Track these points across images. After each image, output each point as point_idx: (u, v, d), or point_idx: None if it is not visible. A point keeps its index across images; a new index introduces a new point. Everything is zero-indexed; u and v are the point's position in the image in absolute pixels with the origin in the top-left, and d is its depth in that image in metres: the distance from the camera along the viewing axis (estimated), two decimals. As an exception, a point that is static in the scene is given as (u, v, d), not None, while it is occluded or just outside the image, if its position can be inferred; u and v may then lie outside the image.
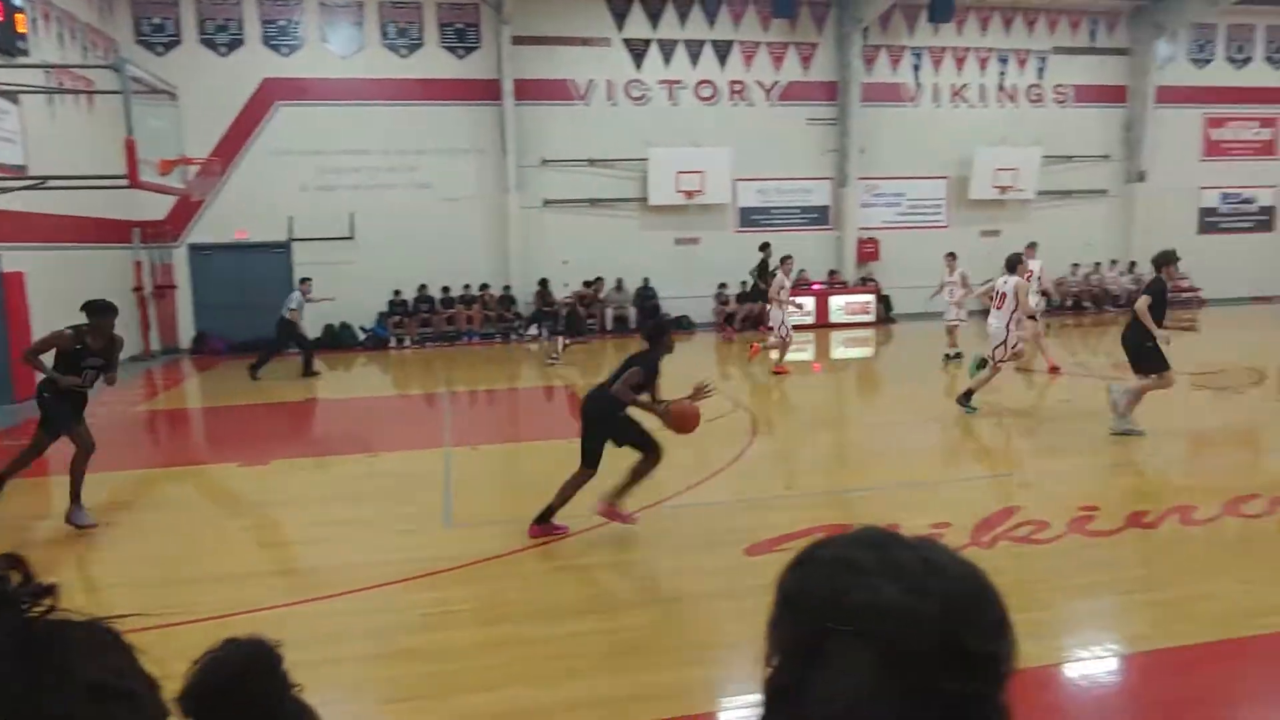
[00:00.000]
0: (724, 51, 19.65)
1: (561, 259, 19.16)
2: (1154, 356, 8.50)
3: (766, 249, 16.37)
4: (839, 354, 16.84)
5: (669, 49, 19.40)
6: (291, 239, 18.25)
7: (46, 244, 13.33)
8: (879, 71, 20.37)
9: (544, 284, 18.98)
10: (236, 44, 17.88)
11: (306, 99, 18.05)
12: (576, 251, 19.23)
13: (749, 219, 20.20)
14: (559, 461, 8.60)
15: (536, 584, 5.40)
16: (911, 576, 0.82)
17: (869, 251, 20.55)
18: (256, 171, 17.91)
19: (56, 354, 6.63)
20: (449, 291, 18.93)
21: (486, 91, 18.56)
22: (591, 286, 19.38)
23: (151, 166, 10.82)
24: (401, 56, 18.51)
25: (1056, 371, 12.70)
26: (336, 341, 18.24)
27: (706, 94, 19.67)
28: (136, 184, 10.49)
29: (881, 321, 19.93)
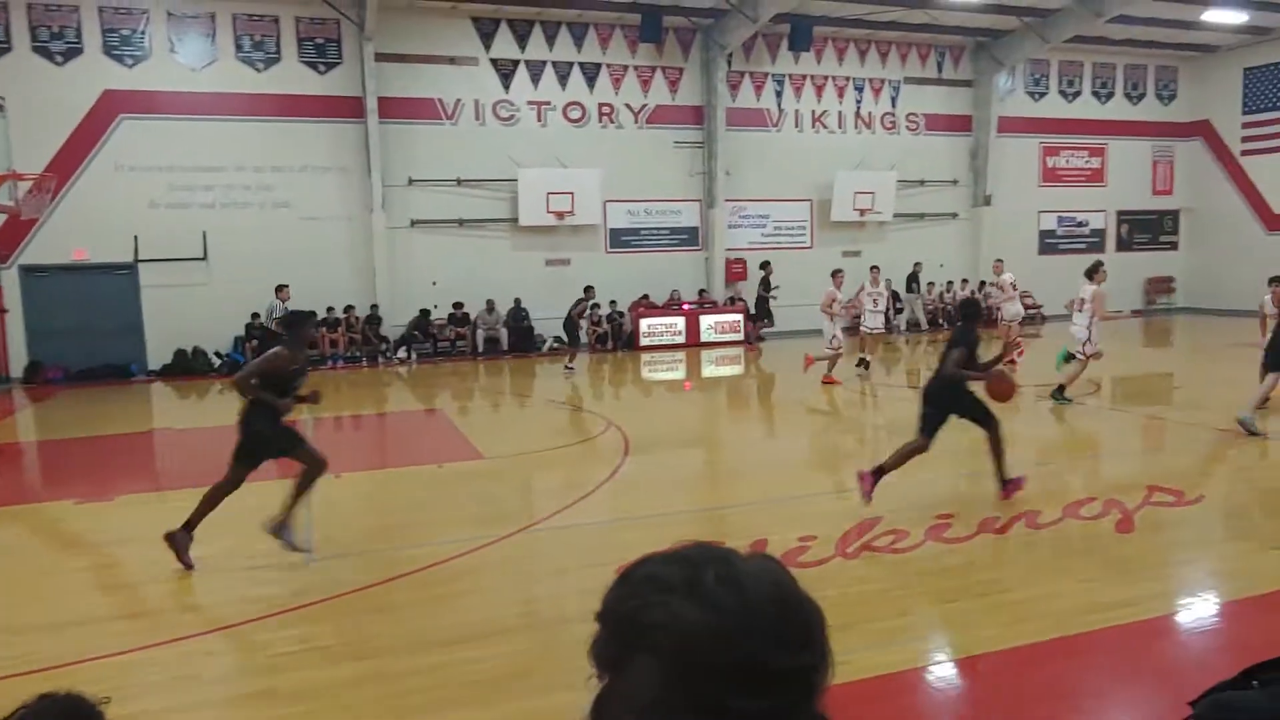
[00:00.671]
0: (592, 74, 19.81)
1: (430, 280, 18.82)
2: None
3: (767, 267, 18.83)
4: (710, 372, 17.12)
5: (537, 70, 19.42)
6: (138, 259, 17.22)
7: None
8: (744, 97, 20.97)
9: (425, 313, 18.73)
10: (74, 53, 16.78)
11: (155, 112, 17.11)
12: (446, 273, 18.93)
13: (620, 240, 20.37)
14: (428, 487, 8.43)
15: (405, 615, 5.22)
16: (710, 593, 0.84)
17: (737, 272, 21.05)
18: (98, 188, 16.82)
19: (263, 378, 6.03)
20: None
21: (349, 109, 18.08)
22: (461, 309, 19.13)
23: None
24: (258, 70, 17.82)
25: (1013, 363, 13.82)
26: (188, 368, 17.28)
27: (575, 115, 19.77)
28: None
29: (750, 340, 20.40)
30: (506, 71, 19.25)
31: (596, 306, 18.77)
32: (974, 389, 7.24)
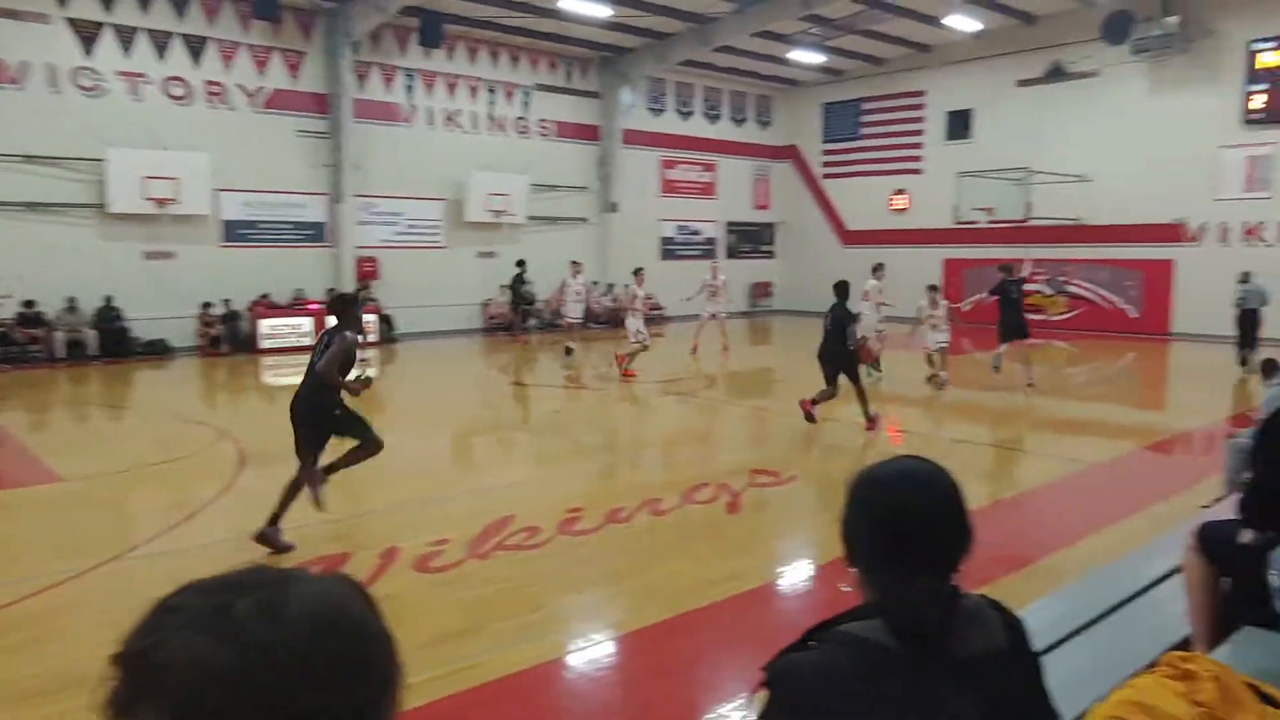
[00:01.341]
0: (197, 47, 17.82)
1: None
2: None
3: (523, 265, 19.05)
4: (340, 375, 16.17)
5: (128, 36, 17.04)
6: None
7: None
8: (372, 89, 20.13)
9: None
10: None
11: None
12: (13, 264, 15.98)
13: (235, 233, 18.56)
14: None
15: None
16: (239, 626, 0.73)
17: (368, 270, 20.16)
18: None
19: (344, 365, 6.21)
20: None
21: None
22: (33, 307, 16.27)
23: None
24: None
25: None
26: None
27: (178, 93, 17.67)
28: None
29: (384, 341, 19.65)
30: (89, 34, 16.66)
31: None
32: None
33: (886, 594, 1.43)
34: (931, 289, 13.88)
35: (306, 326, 18.52)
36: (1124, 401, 13.41)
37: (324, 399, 6.31)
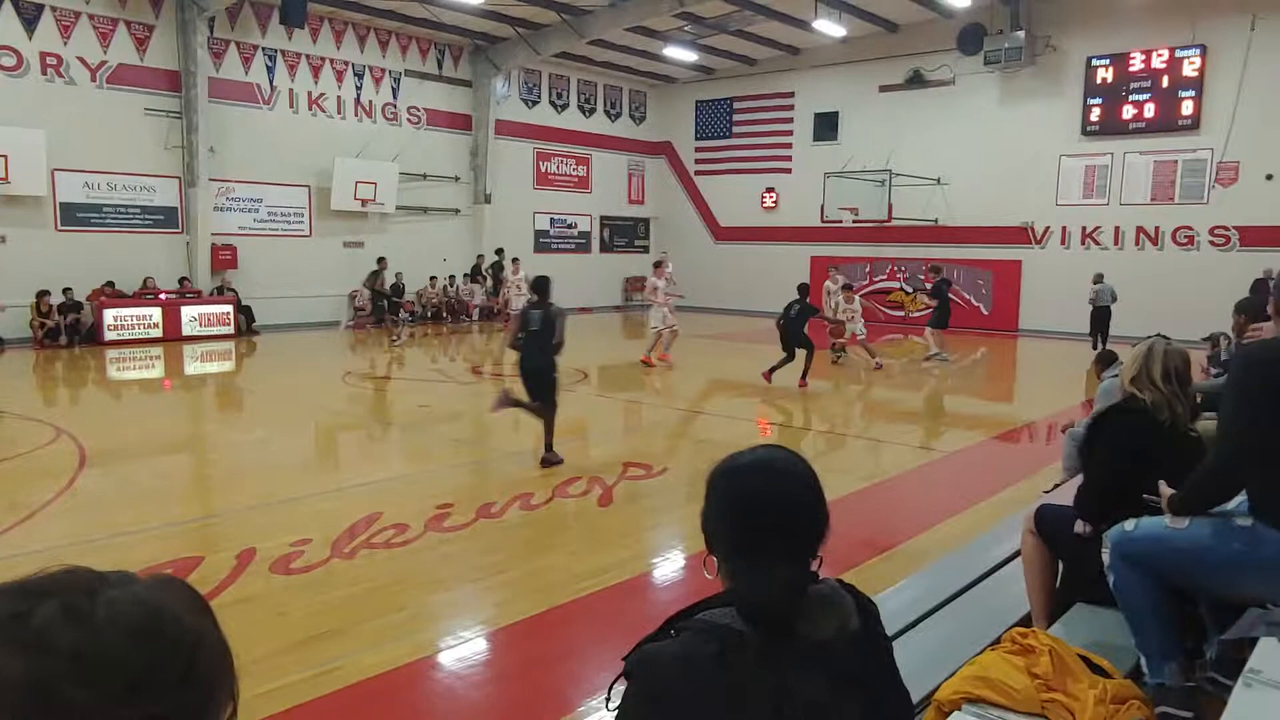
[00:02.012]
0: (31, 17, 16.49)
1: None
2: None
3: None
4: (194, 369, 15.37)
5: (-51, 1, 15.69)
6: None
7: None
8: (230, 68, 19.14)
9: None
10: None
11: None
12: None
13: (75, 216, 17.31)
14: None
15: None
16: (41, 633, 0.68)
17: (226, 259, 19.18)
18: None
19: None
20: None
21: None
22: None
23: None
24: None
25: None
26: None
27: (9, 63, 16.31)
28: None
29: (242, 333, 18.76)
30: (-98, -3, 15.23)
31: (378, 275, 18.88)
32: None
33: (739, 580, 1.44)
34: (846, 287, 15.85)
35: (156, 317, 17.50)
36: (976, 394, 14.17)
37: (553, 361, 8.10)
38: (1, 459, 8.36)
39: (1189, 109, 19.21)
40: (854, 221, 22.95)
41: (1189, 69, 19.14)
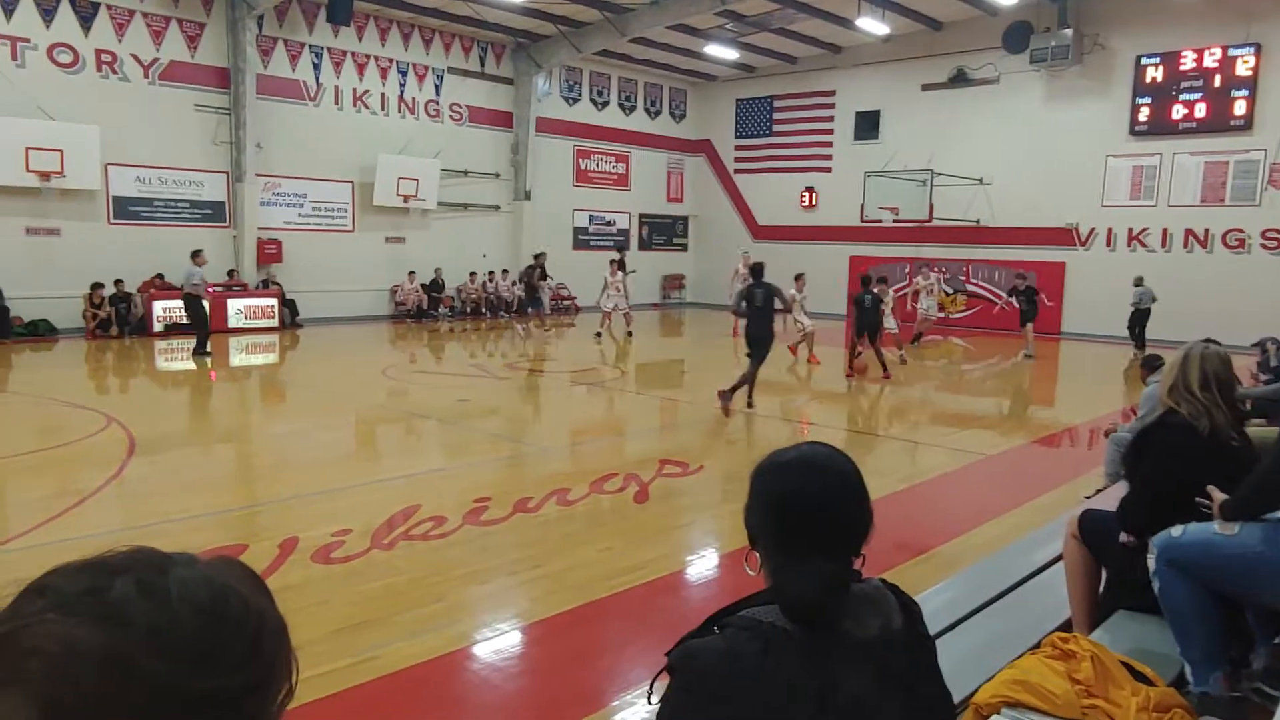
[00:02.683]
0: (87, 15, 16.91)
1: None
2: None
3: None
4: (239, 361, 15.65)
5: (9, 0, 16.09)
6: None
7: None
8: (277, 65, 19.45)
9: None
10: None
11: None
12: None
13: (126, 210, 17.71)
14: None
15: None
16: (116, 607, 0.71)
17: (271, 253, 19.51)
18: None
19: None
20: None
21: None
22: None
23: None
24: None
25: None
26: None
27: (65, 59, 16.73)
28: None
29: (286, 326, 19.07)
30: (-36, -6, 15.67)
31: (535, 270, 19.44)
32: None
33: (781, 577, 1.45)
34: (798, 277, 16.03)
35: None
36: (1017, 397, 13.98)
37: (771, 330, 10.32)
38: (54, 445, 8.59)
39: (1241, 109, 18.77)
40: (894, 221, 22.74)
41: (1242, 68, 18.71)
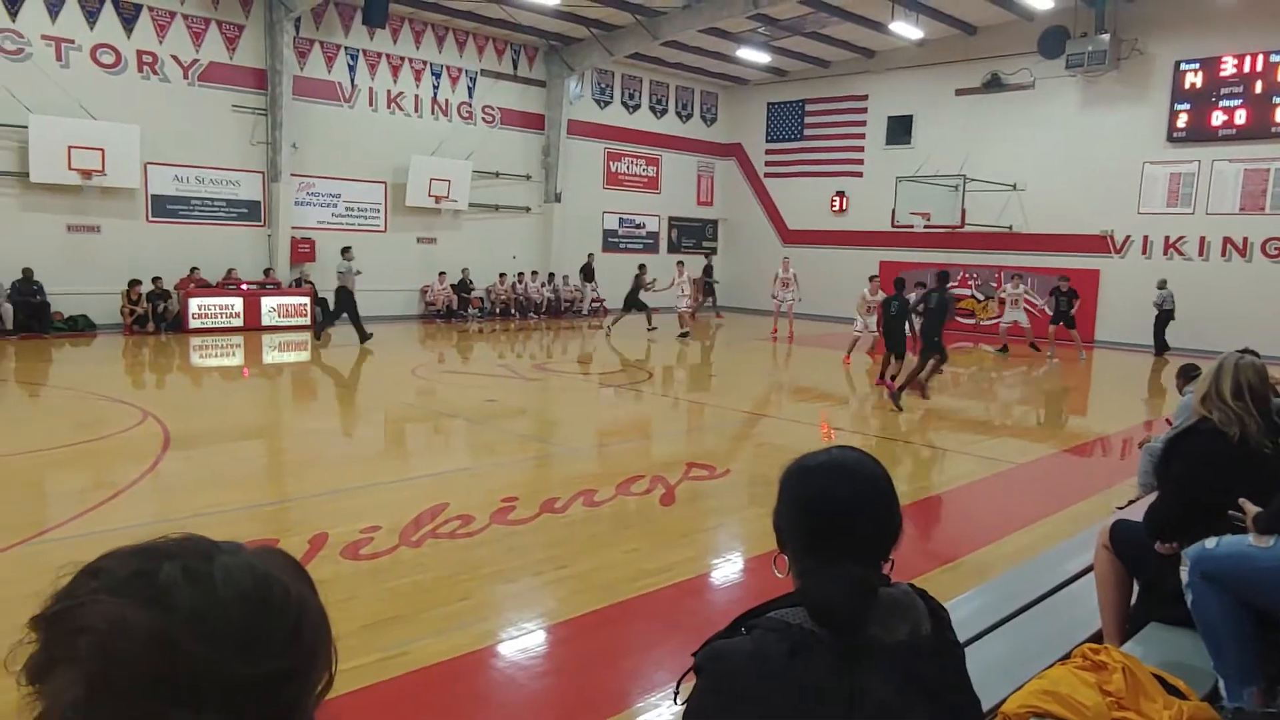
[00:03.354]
0: (130, 16, 17.21)
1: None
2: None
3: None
4: (272, 358, 15.84)
5: (54, 1, 16.40)
6: None
7: None
8: (313, 67, 19.69)
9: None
10: None
11: None
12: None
13: (165, 208, 18.01)
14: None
15: None
16: (164, 590, 0.73)
17: (304, 252, 19.74)
18: None
19: None
20: None
21: None
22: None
23: None
24: None
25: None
26: None
27: (108, 60, 17.05)
28: None
29: (319, 324, 19.24)
30: (13, -3, 16.01)
31: (642, 278, 20.34)
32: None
33: (809, 580, 1.46)
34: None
35: (238, 307, 18.09)
36: (1049, 406, 13.82)
37: (941, 333, 11.31)
38: (92, 439, 8.75)
39: (1284, 116, 18.44)
40: (925, 227, 22.56)
41: (1285, 74, 18.38)
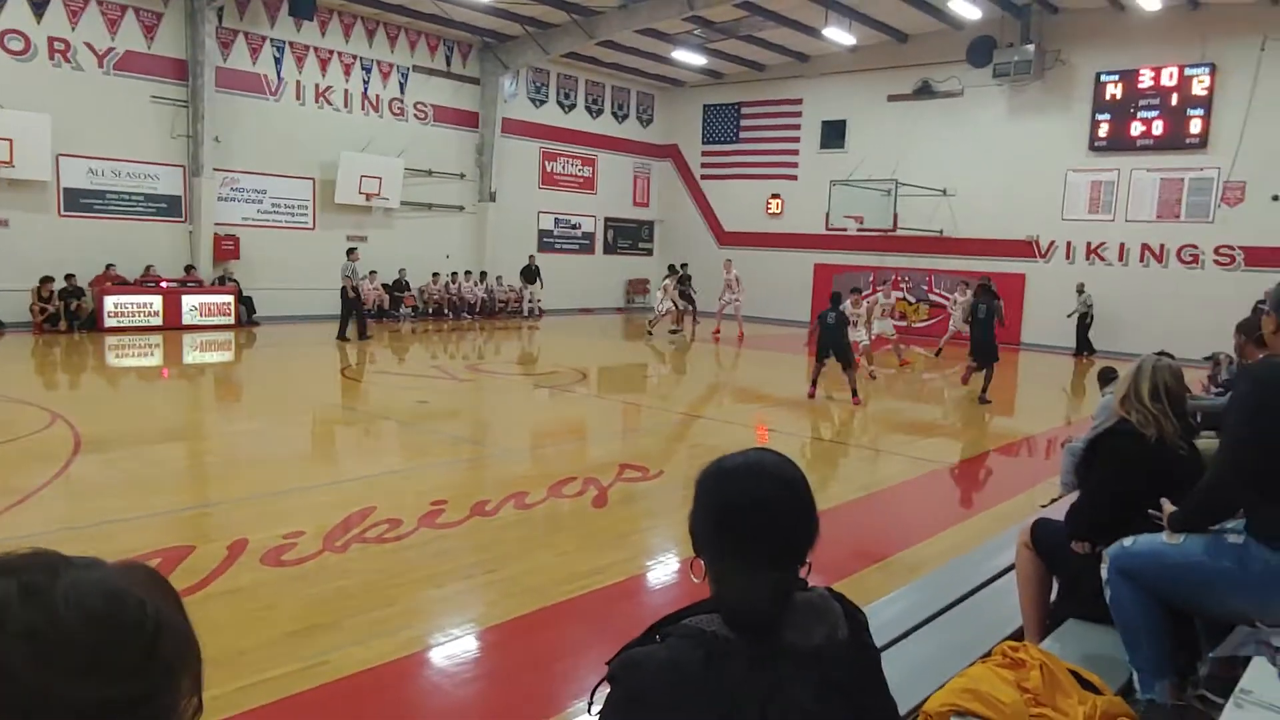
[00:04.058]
0: (40, 1, 16.48)
1: None
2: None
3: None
4: (193, 359, 15.35)
5: (-41, -15, 15.66)
6: None
7: None
8: (237, 58, 19.12)
9: None
10: None
11: None
12: None
13: (78, 202, 17.29)
14: None
15: None
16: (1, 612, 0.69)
17: (228, 249, 19.17)
18: None
19: None
20: None
21: None
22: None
23: None
24: None
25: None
26: None
27: (16, 46, 16.29)
28: None
29: (242, 324, 18.74)
30: (-86, -22, 15.22)
31: (676, 277, 21.16)
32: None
33: (725, 585, 1.42)
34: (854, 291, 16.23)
35: (157, 305, 17.49)
36: (976, 407, 14.12)
37: (994, 337, 11.75)
38: (-4, 442, 8.34)
39: (1197, 127, 19.18)
40: (859, 230, 22.92)
41: (1198, 87, 19.12)
